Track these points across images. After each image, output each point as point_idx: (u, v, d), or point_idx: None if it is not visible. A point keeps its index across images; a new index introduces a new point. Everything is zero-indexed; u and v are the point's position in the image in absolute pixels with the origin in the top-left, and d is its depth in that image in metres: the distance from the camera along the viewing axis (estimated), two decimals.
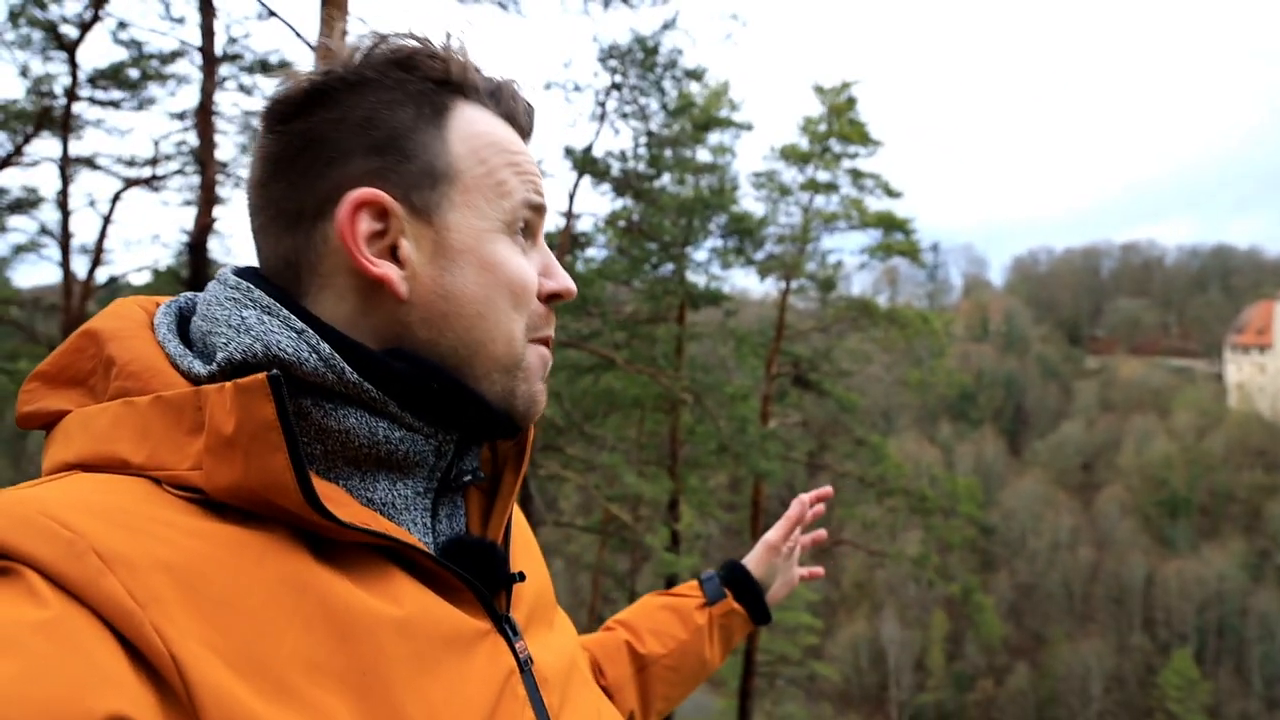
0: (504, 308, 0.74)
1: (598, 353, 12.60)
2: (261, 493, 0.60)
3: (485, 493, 0.84)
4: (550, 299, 0.79)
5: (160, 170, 12.61)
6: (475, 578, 0.72)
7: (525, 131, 0.82)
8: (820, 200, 17.13)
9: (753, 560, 1.36)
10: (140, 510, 0.58)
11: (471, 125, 0.76)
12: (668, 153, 12.73)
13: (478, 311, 0.73)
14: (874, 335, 16.91)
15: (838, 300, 17.03)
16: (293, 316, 0.69)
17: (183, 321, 0.76)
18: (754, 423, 13.25)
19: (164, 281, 12.20)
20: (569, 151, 8.62)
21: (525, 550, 0.90)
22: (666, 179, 14.14)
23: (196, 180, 9.79)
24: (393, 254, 0.72)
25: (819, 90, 16.84)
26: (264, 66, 11.23)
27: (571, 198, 9.14)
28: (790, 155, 16.99)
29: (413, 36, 0.76)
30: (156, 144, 12.56)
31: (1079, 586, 47.90)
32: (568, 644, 0.88)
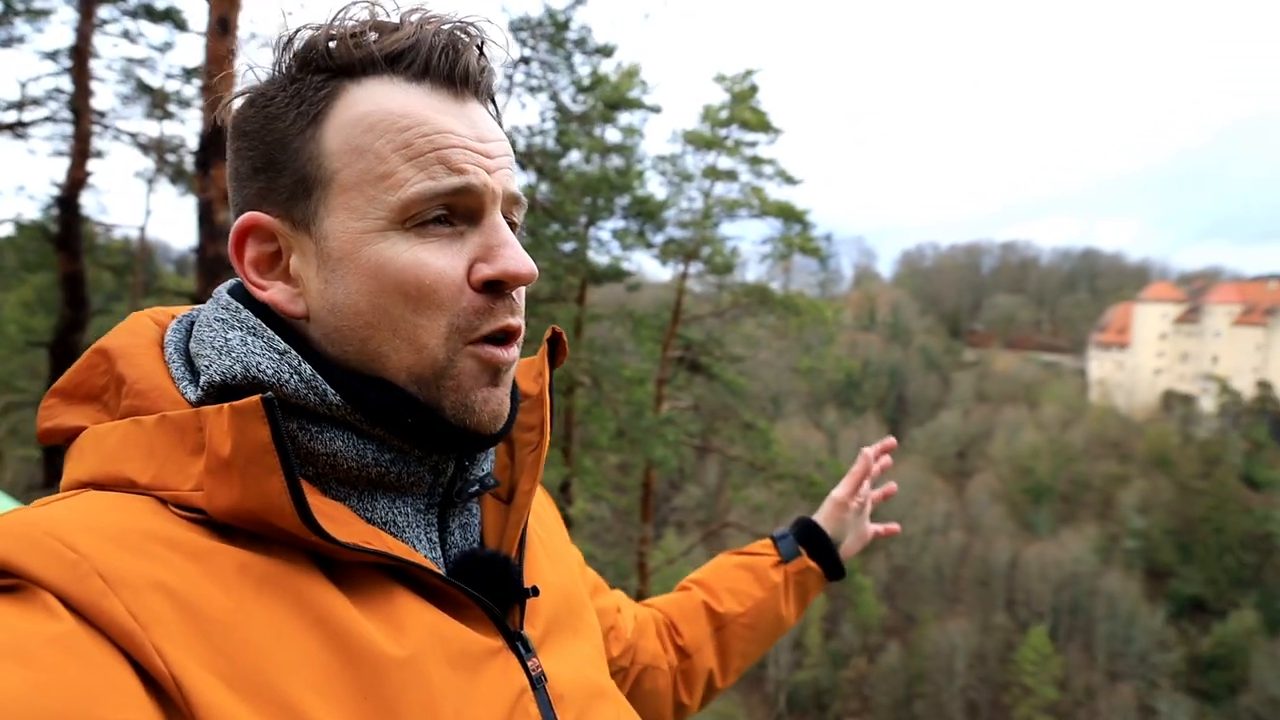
0: (400, 314, 0.68)
1: None
2: (260, 514, 0.59)
3: (503, 500, 0.81)
4: (488, 287, 0.70)
5: (27, 116, 11.69)
6: (487, 593, 0.71)
7: (452, 81, 0.71)
8: (721, 187, 17.27)
9: (823, 517, 1.34)
10: (144, 531, 0.58)
11: (353, 110, 0.69)
12: (576, 129, 12.58)
13: (366, 323, 0.68)
14: (766, 321, 17.18)
15: (735, 286, 17.23)
16: (277, 338, 0.68)
17: (191, 336, 0.75)
18: (649, 407, 13.29)
19: (28, 237, 11.33)
20: None
21: (549, 556, 0.88)
22: (575, 156, 14.00)
23: (70, 130, 9.12)
24: (289, 272, 0.71)
25: (721, 78, 16.94)
26: (148, 11, 10.51)
27: None
28: (693, 140, 17.05)
29: (314, 25, 0.71)
30: (24, 86, 11.63)
31: (949, 568, 50.17)
32: (589, 654, 0.84)
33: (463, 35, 0.72)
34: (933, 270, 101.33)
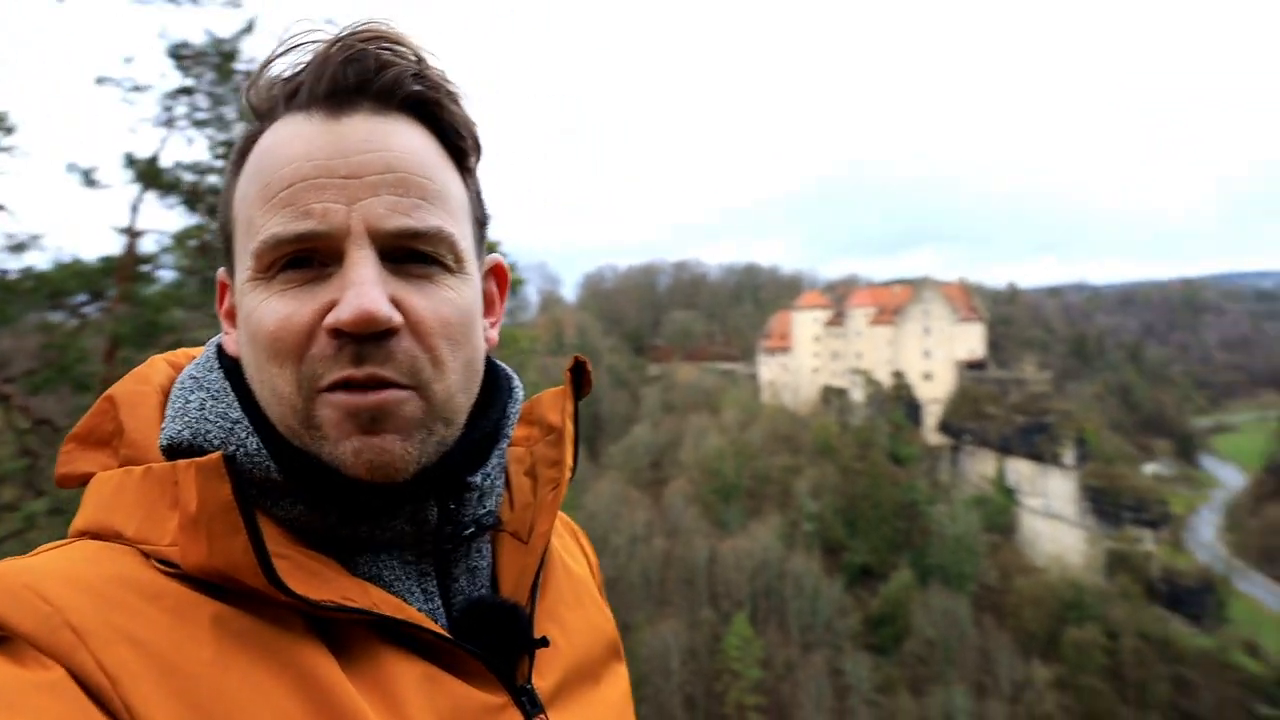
0: (263, 364, 0.65)
1: None
2: (227, 573, 0.58)
3: (524, 540, 0.76)
4: (334, 335, 0.63)
5: None
6: (493, 643, 0.68)
7: (339, 99, 0.66)
8: None
9: None
10: (122, 582, 0.58)
11: (255, 160, 0.68)
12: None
13: (251, 375, 0.68)
14: None
15: None
16: (235, 405, 0.67)
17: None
18: None
19: None
20: (131, 160, 7.58)
21: (573, 601, 0.82)
22: None
23: None
24: None
25: None
26: None
27: (135, 212, 8.07)
28: None
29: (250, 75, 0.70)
30: None
31: (655, 573, 52.48)
32: (612, 706, 0.80)
33: (356, 47, 0.67)
34: (614, 291, 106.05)
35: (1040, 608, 51.02)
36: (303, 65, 0.68)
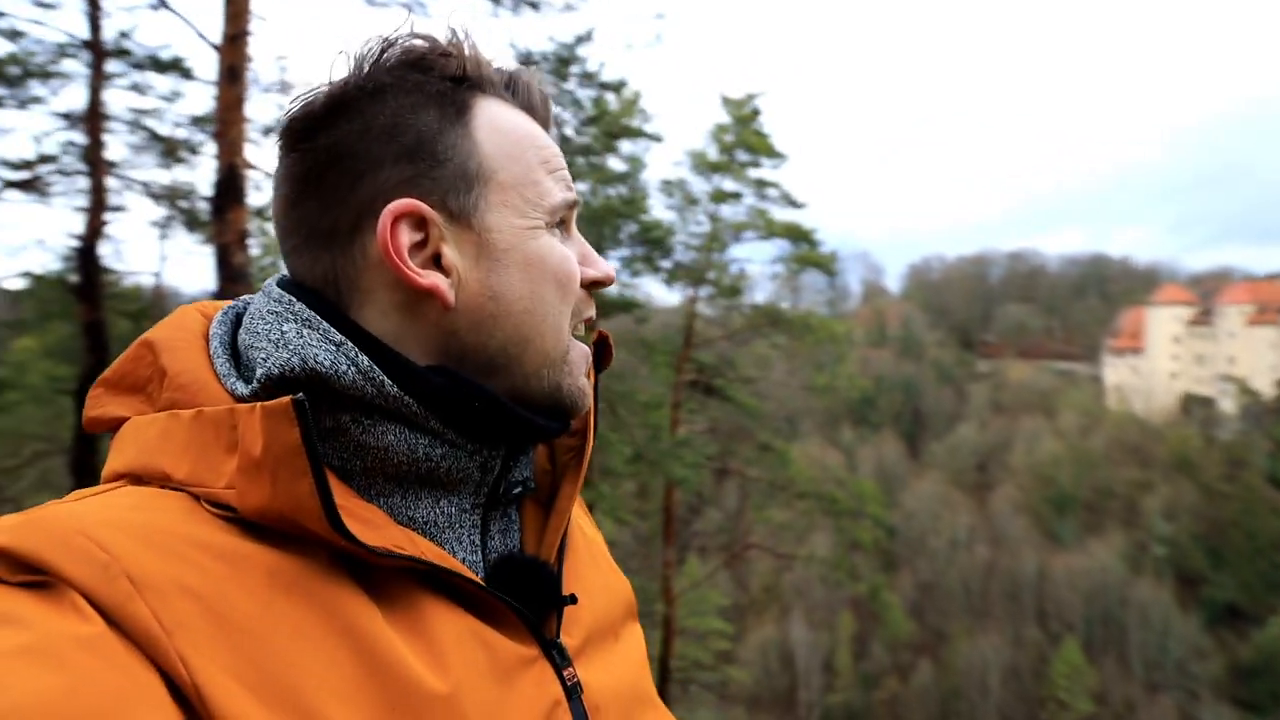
0: (551, 300, 0.74)
1: None
2: (289, 516, 0.59)
3: (543, 505, 0.81)
4: (592, 286, 0.79)
5: (42, 172, 11.91)
6: (524, 599, 0.71)
7: (544, 122, 0.80)
8: (727, 210, 17.39)
9: None
10: (176, 531, 0.58)
11: (496, 121, 0.75)
12: (580, 161, 12.73)
13: (525, 308, 0.72)
14: (777, 342, 17.22)
15: (745, 308, 17.29)
16: (332, 330, 0.68)
17: (237, 328, 0.75)
18: (666, 430, 13.31)
19: (47, 288, 11.51)
20: None
21: (591, 563, 0.87)
22: (581, 187, 14.13)
23: (83, 183, 9.31)
24: (436, 262, 0.71)
25: (726, 101, 17.11)
26: (156, 63, 10.72)
27: None
28: (700, 163, 17.19)
29: (419, 36, 0.74)
30: (39, 142, 11.86)
31: (976, 583, 49.64)
32: (632, 662, 0.84)
33: (535, 75, 0.81)
34: (941, 282, 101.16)
35: None
36: (502, 66, 0.78)
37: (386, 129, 0.70)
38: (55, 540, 0.54)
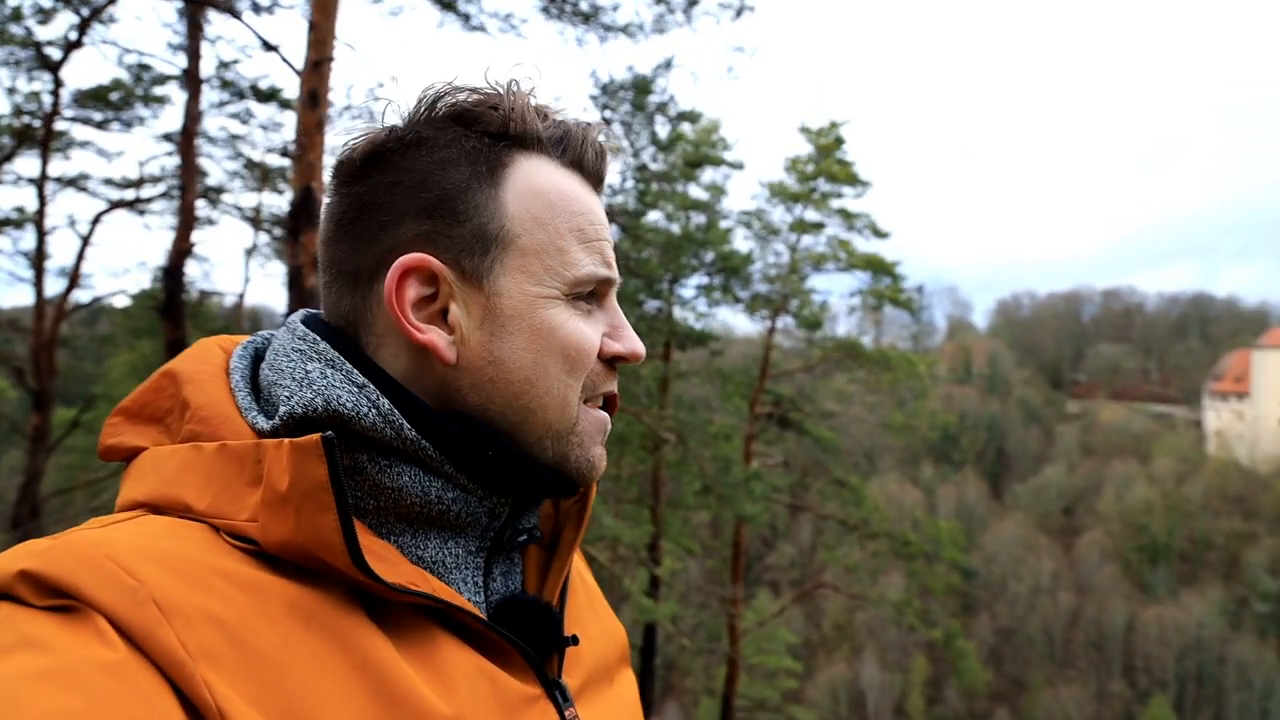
0: (556, 374, 0.73)
1: None
2: (311, 550, 0.61)
3: (545, 549, 0.82)
4: (613, 360, 0.77)
5: (145, 193, 12.45)
6: (527, 639, 0.72)
7: (594, 178, 0.79)
8: (808, 240, 17.15)
9: None
10: (201, 560, 0.59)
11: (530, 181, 0.74)
12: (657, 188, 12.71)
13: (526, 378, 0.72)
14: (857, 376, 16.85)
15: (824, 340, 16.98)
16: (355, 372, 0.70)
17: (257, 362, 0.77)
18: (738, 463, 13.10)
19: (140, 306, 11.98)
20: None
21: (589, 607, 0.89)
22: (657, 215, 14.09)
23: (178, 204, 9.69)
24: (444, 317, 0.72)
25: (806, 131, 16.92)
26: (256, 92, 11.12)
27: None
28: (779, 193, 17.01)
29: (472, 89, 0.74)
30: (141, 165, 12.40)
31: (1059, 632, 47.65)
32: (626, 706, 0.85)
33: (595, 134, 0.79)
34: (1030, 320, 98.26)
35: None
36: (556, 121, 0.77)
37: (415, 183, 0.72)
38: (85, 565, 0.55)
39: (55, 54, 10.49)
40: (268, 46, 7.00)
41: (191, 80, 8.55)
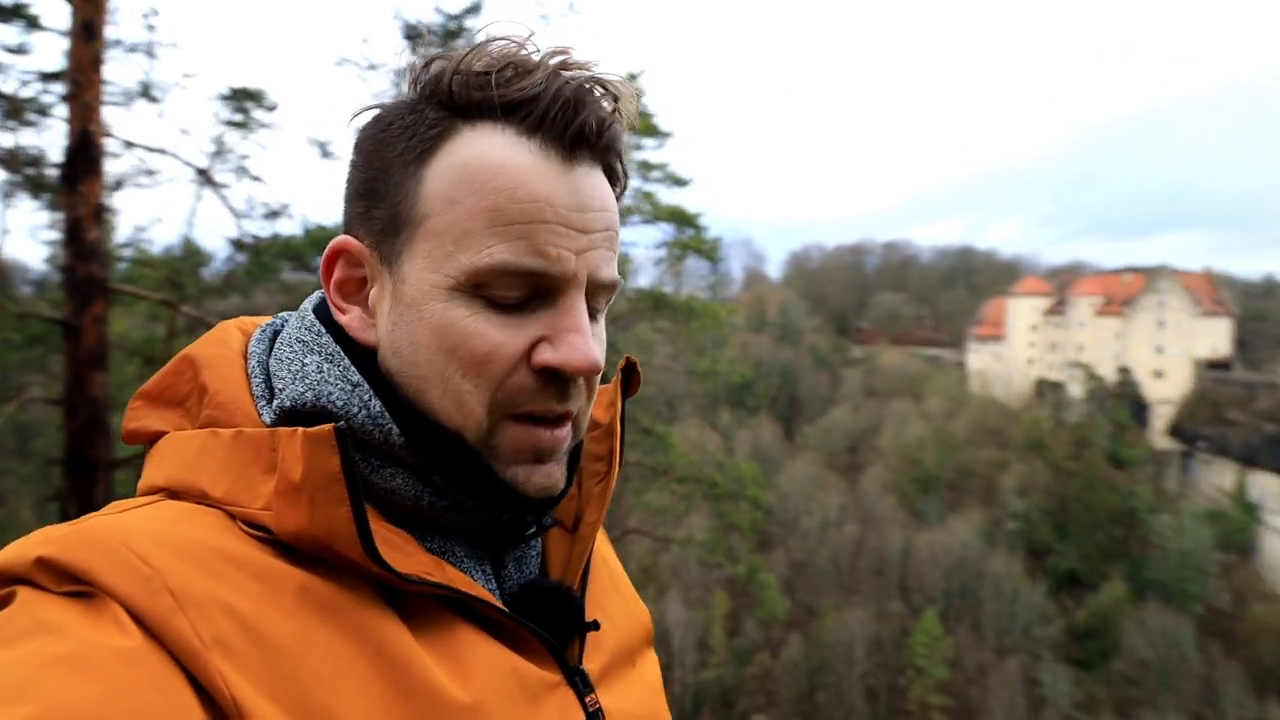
0: (450, 375, 0.67)
1: None
2: (324, 541, 0.60)
3: (567, 530, 0.79)
4: (544, 372, 0.67)
5: None
6: (547, 625, 0.70)
7: (569, 146, 0.67)
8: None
9: None
10: (216, 547, 0.59)
11: (456, 156, 0.67)
12: None
13: (420, 374, 0.68)
14: (661, 326, 17.36)
15: (629, 291, 17.35)
16: (352, 369, 0.69)
17: (275, 347, 0.76)
18: None
19: None
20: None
21: (612, 589, 0.86)
22: None
23: None
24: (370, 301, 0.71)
25: None
26: None
27: None
28: None
29: (446, 55, 0.68)
30: None
31: (845, 560, 51.56)
32: (650, 689, 0.83)
33: (589, 90, 0.68)
34: (820, 271, 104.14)
35: None
36: (521, 78, 0.67)
37: (362, 161, 0.71)
38: (100, 552, 0.55)
39: None
40: None
41: None
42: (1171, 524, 52.92)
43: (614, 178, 0.72)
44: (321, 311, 0.74)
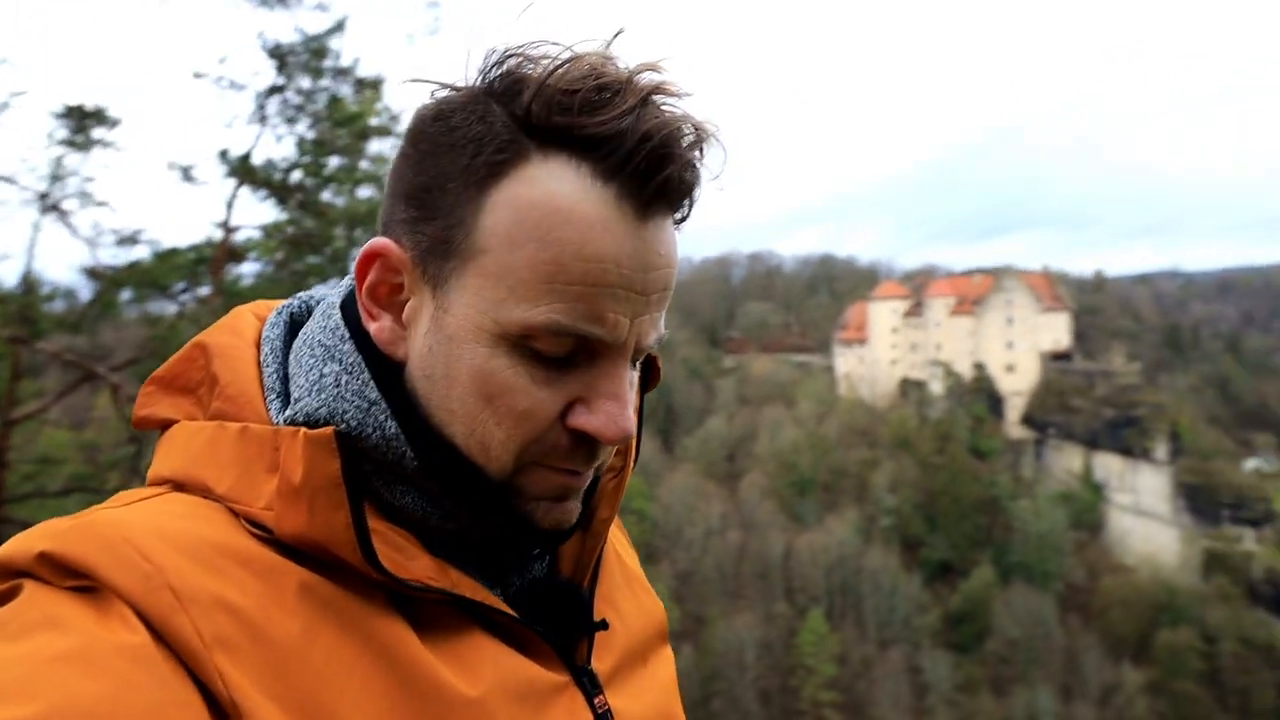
0: (482, 419, 0.64)
1: None
2: (324, 545, 0.59)
3: (580, 527, 0.75)
4: (577, 434, 0.65)
5: None
6: (555, 624, 0.69)
7: (649, 199, 0.61)
8: None
9: None
10: (217, 545, 0.58)
11: (525, 191, 0.61)
12: (334, 161, 12.06)
13: (449, 409, 0.65)
14: None
15: None
16: (371, 385, 0.65)
17: (293, 330, 0.74)
18: None
19: None
20: (225, 156, 7.81)
21: (625, 586, 0.84)
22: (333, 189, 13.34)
23: None
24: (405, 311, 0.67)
25: None
26: None
27: (230, 207, 8.32)
28: None
29: (525, 55, 0.62)
30: None
31: (730, 567, 52.42)
32: (662, 687, 0.81)
33: (679, 135, 0.61)
34: (689, 283, 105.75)
35: (1130, 609, 49.27)
36: (606, 108, 0.60)
37: (418, 162, 0.65)
38: (102, 547, 0.54)
39: None
40: None
41: None
42: (1029, 508, 56.33)
43: (680, 221, 0.68)
44: (348, 308, 0.70)
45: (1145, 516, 58.88)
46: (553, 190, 0.60)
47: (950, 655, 46.43)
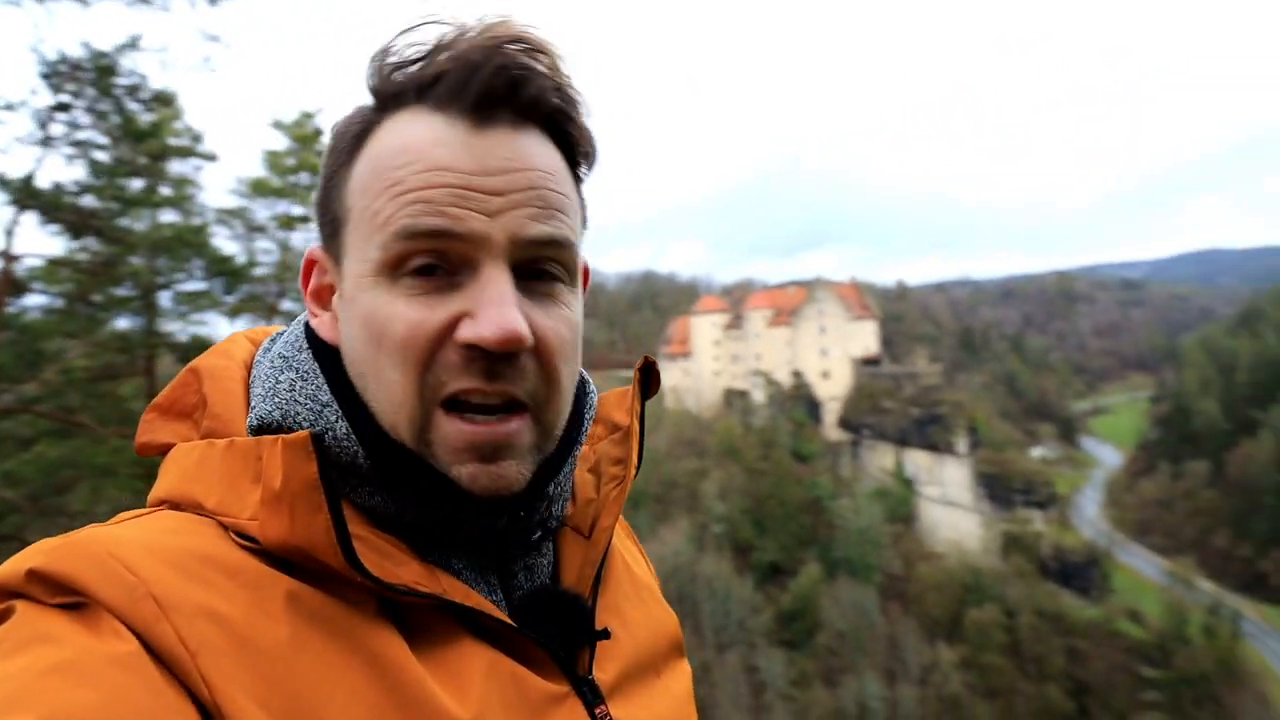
0: (383, 366, 0.64)
1: (53, 417, 10.61)
2: (307, 549, 0.59)
3: (585, 535, 0.76)
4: (468, 348, 0.63)
5: None
6: (555, 633, 0.68)
7: (477, 106, 0.64)
8: (298, 236, 16.50)
9: None
10: (203, 556, 0.58)
11: (375, 147, 0.67)
12: (134, 184, 11.25)
13: (360, 371, 0.67)
14: None
15: None
16: (324, 388, 0.68)
17: None
18: None
19: None
20: (3, 182, 7.13)
21: (633, 595, 0.83)
22: (132, 215, 12.45)
23: None
24: None
25: (279, 125, 16.22)
26: None
27: (9, 236, 7.63)
28: (261, 190, 16.10)
29: (381, 49, 0.68)
30: None
31: None
32: (675, 700, 0.79)
33: (499, 49, 0.64)
34: None
35: (942, 592, 52.91)
36: (435, 55, 0.65)
37: (321, 173, 0.72)
38: (87, 562, 0.55)
39: None
40: None
41: None
42: (849, 506, 59.40)
43: (565, 139, 0.69)
44: (309, 325, 0.74)
45: (951, 506, 63.47)
46: (395, 134, 0.65)
47: (784, 652, 48.17)
